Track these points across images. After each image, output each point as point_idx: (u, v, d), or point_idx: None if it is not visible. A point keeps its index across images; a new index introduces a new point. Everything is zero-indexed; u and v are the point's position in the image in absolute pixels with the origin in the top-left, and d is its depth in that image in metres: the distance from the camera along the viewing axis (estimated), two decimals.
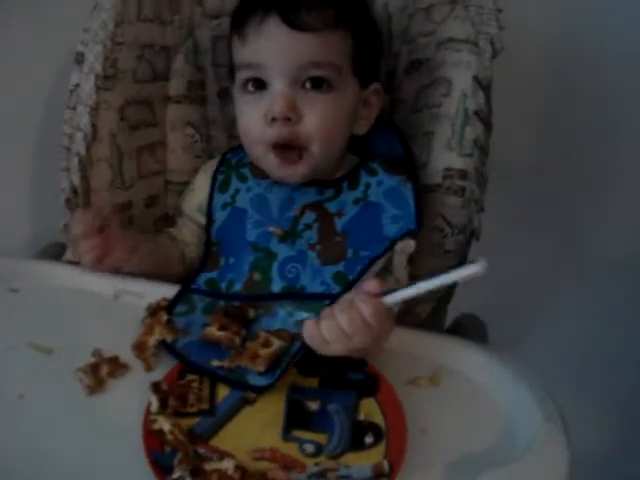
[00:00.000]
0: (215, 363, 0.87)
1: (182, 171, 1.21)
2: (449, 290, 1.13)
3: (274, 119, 0.97)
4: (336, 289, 0.97)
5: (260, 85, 1.00)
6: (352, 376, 0.87)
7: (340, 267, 0.99)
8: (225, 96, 1.19)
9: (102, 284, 1.03)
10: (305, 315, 0.94)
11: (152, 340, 0.91)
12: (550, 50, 1.40)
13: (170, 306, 0.98)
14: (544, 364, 1.31)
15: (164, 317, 0.94)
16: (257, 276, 1.02)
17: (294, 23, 0.96)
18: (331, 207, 1.03)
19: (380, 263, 0.99)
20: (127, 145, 1.12)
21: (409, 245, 1.00)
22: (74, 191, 1.06)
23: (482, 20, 1.03)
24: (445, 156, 1.06)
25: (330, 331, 0.80)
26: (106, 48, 1.04)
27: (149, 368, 0.89)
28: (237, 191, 1.09)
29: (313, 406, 0.83)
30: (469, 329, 1.14)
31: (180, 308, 0.98)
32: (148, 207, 1.18)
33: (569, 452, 0.79)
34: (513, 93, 1.22)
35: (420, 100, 1.11)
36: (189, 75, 1.18)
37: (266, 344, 0.89)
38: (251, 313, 0.96)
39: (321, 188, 1.05)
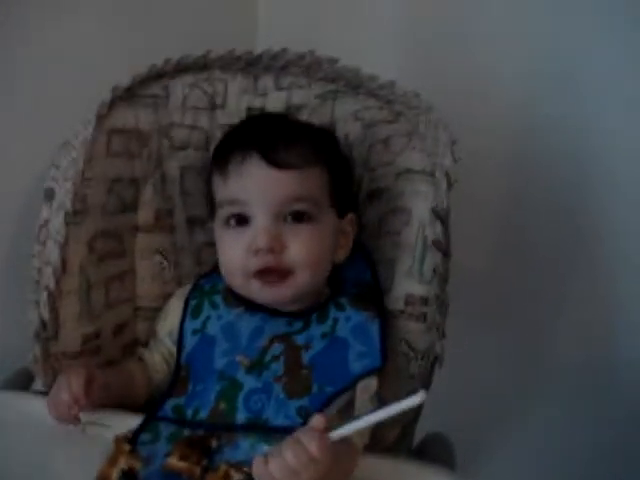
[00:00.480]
0: None
1: (151, 298, 1.22)
2: (416, 413, 1.14)
3: (258, 250, 1.01)
4: (300, 424, 0.97)
5: (242, 220, 1.04)
6: None
7: (305, 401, 1.00)
8: (193, 223, 1.22)
9: None
10: (266, 448, 0.93)
11: (116, 471, 0.90)
12: (504, 167, 1.46)
13: (135, 435, 0.97)
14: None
15: (127, 447, 0.94)
16: (223, 405, 1.02)
17: (274, 162, 1.01)
18: (299, 340, 1.05)
19: (341, 400, 1.00)
20: (96, 276, 1.13)
21: (372, 384, 1.01)
22: (43, 323, 1.06)
23: (437, 152, 1.07)
24: (407, 283, 1.09)
25: (278, 469, 0.80)
26: (75, 185, 1.06)
27: None
28: (208, 318, 1.11)
29: None
30: (436, 450, 1.14)
31: (145, 437, 0.97)
32: (116, 335, 1.18)
33: None
34: (472, 197, 1.26)
35: (382, 227, 1.15)
36: (157, 204, 1.20)
37: (226, 478, 0.89)
38: (213, 443, 0.95)
39: (291, 320, 1.07)
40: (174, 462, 0.91)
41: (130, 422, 1.01)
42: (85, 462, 0.94)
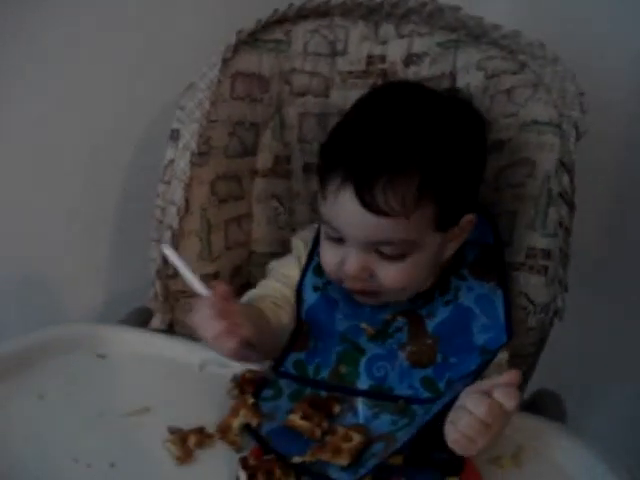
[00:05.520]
0: (296, 460, 0.86)
1: (265, 242, 1.25)
2: (529, 368, 1.14)
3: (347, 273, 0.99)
4: (424, 394, 0.97)
5: (339, 238, 0.99)
6: (436, 455, 0.86)
7: (429, 372, 0.99)
8: (309, 171, 1.22)
9: (188, 353, 1.05)
10: (390, 418, 0.94)
11: (236, 422, 0.92)
12: (622, 121, 1.42)
13: (257, 390, 0.98)
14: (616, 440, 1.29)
15: (250, 400, 0.94)
16: (343, 369, 1.01)
17: (367, 204, 0.93)
18: (422, 311, 1.03)
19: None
20: (216, 218, 1.15)
21: (504, 356, 1.01)
22: (165, 262, 1.09)
23: (565, 103, 1.05)
24: (528, 236, 1.08)
25: (473, 429, 0.79)
26: (201, 126, 1.08)
27: (237, 449, 0.90)
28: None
29: None
30: (548, 406, 1.13)
31: (267, 392, 0.98)
32: (233, 277, 1.21)
33: None
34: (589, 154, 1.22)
35: (501, 179, 1.13)
36: (276, 150, 1.22)
37: (347, 438, 0.89)
38: (336, 408, 0.96)
39: (413, 299, 1.04)
40: (296, 420, 0.92)
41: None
42: (203, 400, 0.97)
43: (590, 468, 0.90)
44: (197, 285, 0.91)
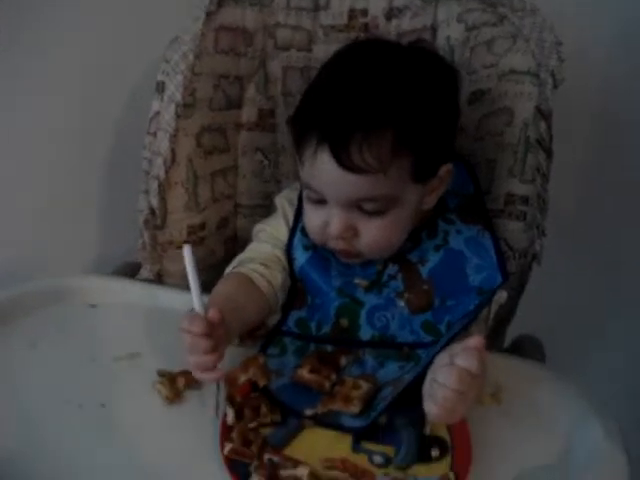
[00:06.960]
0: (308, 412, 0.89)
1: (251, 195, 1.27)
2: (509, 312, 1.17)
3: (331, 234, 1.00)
4: (426, 338, 1.00)
5: (320, 200, 1.01)
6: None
7: (428, 316, 1.01)
8: None
9: (176, 301, 1.07)
10: (397, 365, 0.97)
11: (243, 378, 0.91)
12: (599, 73, 1.43)
13: (263, 347, 1.01)
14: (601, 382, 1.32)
15: (262, 359, 0.94)
16: (344, 322, 1.03)
17: (344, 163, 0.93)
18: (413, 257, 1.04)
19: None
20: (202, 170, 1.17)
21: (502, 296, 1.01)
22: (152, 212, 1.12)
23: (543, 53, 1.06)
24: (507, 182, 1.10)
25: (449, 400, 0.80)
26: (186, 78, 1.09)
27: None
28: None
29: (382, 420, 0.88)
30: (527, 349, 1.16)
31: (272, 350, 1.00)
32: (219, 228, 1.23)
33: (628, 468, 0.82)
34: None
35: (482, 129, 1.14)
36: (260, 104, 1.23)
37: (355, 387, 0.91)
38: (343, 360, 0.98)
39: None
40: (304, 374, 0.94)
41: None
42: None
43: (568, 404, 0.93)
44: (196, 298, 0.90)
